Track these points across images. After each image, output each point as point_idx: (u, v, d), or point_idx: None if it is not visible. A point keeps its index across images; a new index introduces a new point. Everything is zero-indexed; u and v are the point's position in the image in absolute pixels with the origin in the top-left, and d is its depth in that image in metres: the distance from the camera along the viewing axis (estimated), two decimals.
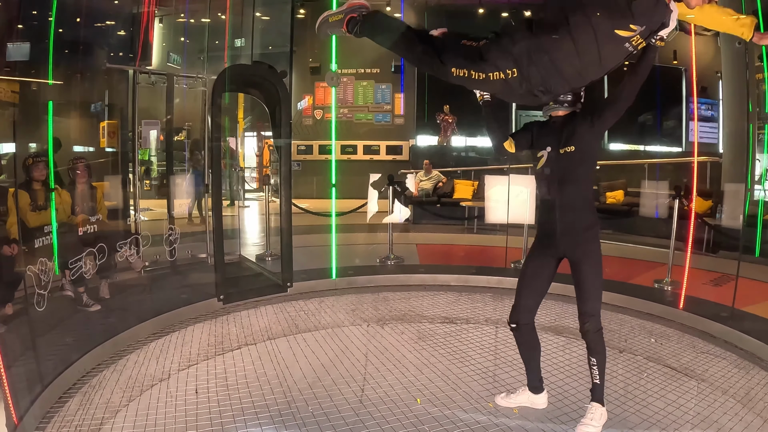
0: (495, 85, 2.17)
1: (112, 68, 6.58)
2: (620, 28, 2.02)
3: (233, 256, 6.52)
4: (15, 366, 3.04)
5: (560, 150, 2.63)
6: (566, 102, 2.67)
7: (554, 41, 2.04)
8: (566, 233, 2.67)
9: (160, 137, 7.20)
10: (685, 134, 13.47)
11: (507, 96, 2.41)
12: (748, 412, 3.14)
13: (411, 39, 2.31)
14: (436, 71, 2.25)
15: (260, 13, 11.20)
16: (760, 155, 9.11)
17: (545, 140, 2.72)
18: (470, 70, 2.12)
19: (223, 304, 4.93)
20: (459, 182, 10.74)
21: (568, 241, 2.68)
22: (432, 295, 5.52)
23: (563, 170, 2.63)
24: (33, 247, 4.26)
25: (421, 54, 2.26)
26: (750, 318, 4.43)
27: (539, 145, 2.74)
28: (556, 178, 2.66)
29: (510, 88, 2.19)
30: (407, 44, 2.32)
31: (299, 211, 6.80)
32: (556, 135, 2.68)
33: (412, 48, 2.30)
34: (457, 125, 12.77)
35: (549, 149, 2.68)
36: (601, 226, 2.79)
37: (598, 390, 2.73)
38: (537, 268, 2.83)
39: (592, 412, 2.73)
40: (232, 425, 2.97)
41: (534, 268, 2.84)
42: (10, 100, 5.05)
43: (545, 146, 2.70)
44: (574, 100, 2.69)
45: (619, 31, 2.03)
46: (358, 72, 13.14)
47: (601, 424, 2.71)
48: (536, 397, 3.05)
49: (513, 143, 2.81)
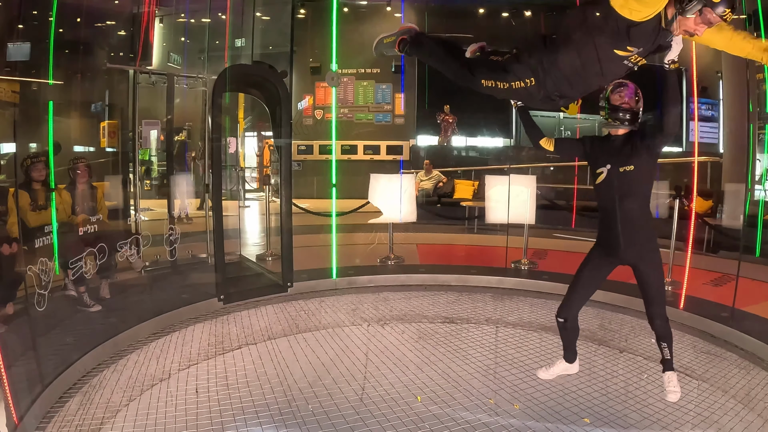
0: (518, 92, 2.45)
1: (113, 68, 6.58)
2: (618, 49, 2.23)
3: (234, 256, 6.52)
4: (15, 366, 3.04)
5: (620, 168, 2.75)
6: (626, 120, 2.77)
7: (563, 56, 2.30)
8: (630, 245, 2.79)
9: (160, 137, 7.20)
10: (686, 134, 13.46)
11: (529, 101, 2.67)
12: (749, 412, 3.15)
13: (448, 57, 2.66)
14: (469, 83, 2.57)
15: (261, 13, 11.21)
16: (761, 155, 9.11)
17: (605, 157, 2.82)
18: (496, 81, 2.45)
19: (224, 304, 4.93)
20: (459, 182, 10.74)
21: (632, 253, 2.81)
22: (432, 295, 5.52)
23: (623, 188, 2.75)
24: (33, 247, 4.26)
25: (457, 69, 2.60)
26: (750, 318, 4.43)
27: (598, 161, 2.85)
28: (617, 194, 2.77)
29: (530, 95, 2.45)
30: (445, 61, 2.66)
31: (300, 211, 6.80)
32: (616, 153, 2.79)
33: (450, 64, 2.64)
34: (458, 125, 12.77)
35: (609, 167, 2.79)
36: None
37: (669, 363, 2.93)
38: (595, 271, 2.96)
39: (670, 379, 2.93)
40: (232, 424, 2.97)
41: (592, 271, 2.97)
42: (11, 100, 5.05)
43: (605, 163, 2.80)
44: (633, 119, 2.78)
45: (618, 51, 2.23)
46: (358, 72, 13.12)
47: (679, 386, 2.94)
48: (570, 366, 3.23)
49: (552, 143, 2.97)
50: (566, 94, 2.46)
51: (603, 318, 4.80)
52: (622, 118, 2.77)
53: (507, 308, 5.16)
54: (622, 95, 2.78)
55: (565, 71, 2.33)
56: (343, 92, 13.18)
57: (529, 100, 2.61)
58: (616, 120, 2.78)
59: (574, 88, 2.42)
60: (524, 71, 2.37)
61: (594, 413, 3.14)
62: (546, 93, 2.41)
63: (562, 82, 2.36)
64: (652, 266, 2.82)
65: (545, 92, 2.41)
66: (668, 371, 2.94)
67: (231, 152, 12.37)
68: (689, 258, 4.74)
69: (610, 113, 2.80)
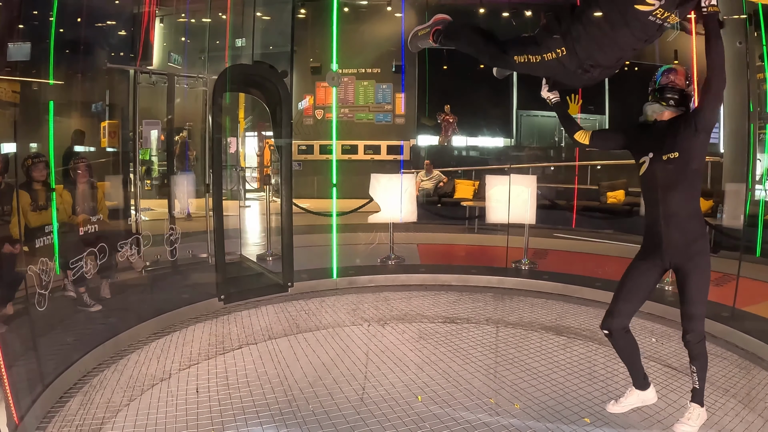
0: (551, 65, 2.43)
1: (113, 68, 6.57)
2: (638, 3, 2.21)
3: (234, 256, 6.52)
4: (16, 366, 3.03)
5: (663, 156, 2.51)
6: (672, 100, 2.55)
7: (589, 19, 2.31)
8: (672, 245, 2.56)
9: (160, 137, 7.20)
10: None
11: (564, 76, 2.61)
12: (750, 412, 3.15)
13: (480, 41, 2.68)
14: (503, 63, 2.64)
15: (261, 13, 11.20)
16: (761, 155, 9.09)
17: (647, 145, 2.59)
18: (528, 55, 2.46)
19: (224, 303, 4.94)
20: (460, 182, 10.74)
21: (674, 253, 2.57)
22: (433, 295, 5.52)
23: (667, 178, 2.50)
24: (34, 247, 4.26)
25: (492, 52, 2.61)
26: (751, 318, 4.43)
27: (640, 149, 2.61)
28: (660, 185, 2.53)
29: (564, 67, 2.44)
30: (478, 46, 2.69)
31: (300, 210, 6.80)
32: (659, 140, 2.55)
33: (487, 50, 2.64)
34: (458, 125, 12.77)
35: (651, 155, 2.55)
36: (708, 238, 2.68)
37: (698, 394, 2.68)
38: (640, 276, 2.70)
39: (690, 411, 2.70)
40: (232, 424, 2.97)
41: (636, 276, 2.71)
42: (11, 100, 5.05)
43: (647, 151, 2.57)
44: (681, 101, 2.57)
45: (639, 6, 2.21)
46: (358, 72, 13.11)
47: (698, 424, 2.68)
48: (645, 393, 2.92)
49: (587, 136, 2.77)
50: (600, 62, 2.41)
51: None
52: (670, 97, 2.54)
53: (507, 308, 5.16)
54: (670, 76, 2.57)
55: (593, 34, 2.31)
56: (343, 92, 13.17)
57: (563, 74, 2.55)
58: (663, 100, 2.56)
59: (606, 54, 2.37)
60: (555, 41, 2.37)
61: (594, 413, 3.13)
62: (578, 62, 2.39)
63: (593, 47, 2.34)
64: (696, 271, 2.57)
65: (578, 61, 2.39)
66: (694, 402, 2.69)
67: (232, 152, 12.38)
68: None
69: (658, 94, 2.58)
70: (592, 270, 5.97)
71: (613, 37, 2.31)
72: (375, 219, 6.66)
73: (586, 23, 2.32)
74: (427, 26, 2.90)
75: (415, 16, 12.58)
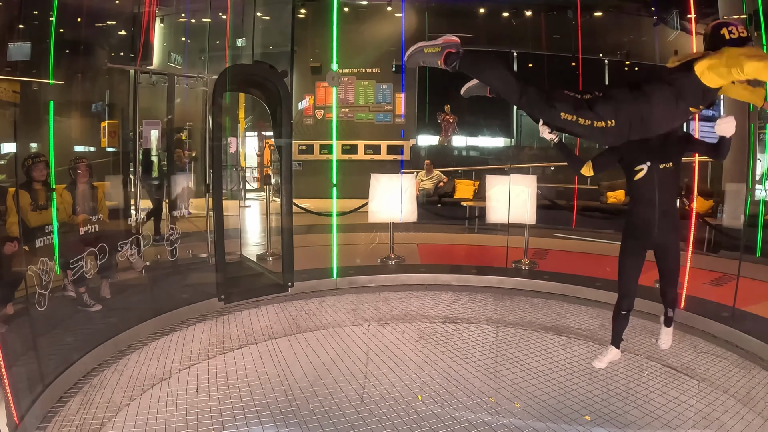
0: (593, 130, 2.54)
1: (113, 68, 6.58)
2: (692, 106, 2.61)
3: (234, 256, 6.52)
4: (16, 365, 3.04)
5: (660, 165, 3.01)
6: None
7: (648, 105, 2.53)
8: (662, 231, 3.08)
9: (161, 137, 7.20)
10: None
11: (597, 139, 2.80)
12: (749, 411, 3.15)
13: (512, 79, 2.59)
14: (540, 111, 2.60)
15: (261, 13, 11.21)
16: (761, 155, 9.10)
17: (644, 155, 3.03)
18: (578, 117, 2.52)
19: (224, 303, 4.94)
20: (460, 182, 10.74)
21: (661, 236, 3.08)
22: (433, 295, 5.52)
23: (662, 183, 3.02)
24: (34, 246, 4.26)
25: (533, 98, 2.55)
26: (751, 318, 4.43)
27: (636, 159, 3.05)
28: (656, 188, 3.02)
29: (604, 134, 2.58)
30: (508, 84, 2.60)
31: (300, 210, 6.80)
32: (656, 151, 3.02)
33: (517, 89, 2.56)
34: (458, 125, 12.77)
35: (649, 164, 3.01)
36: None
37: (670, 320, 3.34)
38: (636, 261, 3.17)
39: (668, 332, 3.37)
40: (232, 424, 2.97)
41: (634, 261, 3.17)
42: (11, 100, 5.05)
43: (644, 160, 3.02)
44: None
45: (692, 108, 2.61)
46: (359, 72, 13.10)
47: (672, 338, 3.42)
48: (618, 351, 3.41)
49: (591, 167, 3.19)
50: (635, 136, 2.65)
51: (603, 318, 4.79)
52: None
53: (507, 308, 5.16)
54: None
55: (645, 117, 2.55)
56: (343, 92, 13.17)
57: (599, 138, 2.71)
58: None
59: (645, 132, 2.64)
60: (608, 113, 2.51)
61: (595, 411, 3.14)
62: (619, 133, 2.56)
63: (639, 126, 2.56)
64: (676, 249, 3.15)
65: (619, 133, 2.56)
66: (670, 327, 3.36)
67: (232, 152, 12.38)
68: (690, 258, 4.74)
69: None
70: (592, 270, 5.96)
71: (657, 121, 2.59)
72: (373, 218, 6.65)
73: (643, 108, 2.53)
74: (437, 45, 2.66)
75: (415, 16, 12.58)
